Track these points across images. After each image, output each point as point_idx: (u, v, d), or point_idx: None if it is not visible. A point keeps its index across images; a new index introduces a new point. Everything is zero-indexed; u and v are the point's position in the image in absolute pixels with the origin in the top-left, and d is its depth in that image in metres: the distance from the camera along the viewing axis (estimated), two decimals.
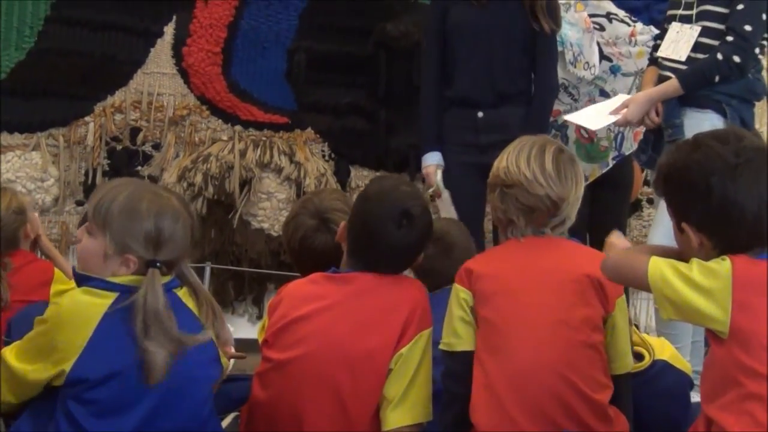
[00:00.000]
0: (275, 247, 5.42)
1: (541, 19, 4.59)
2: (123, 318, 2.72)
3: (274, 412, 3.06)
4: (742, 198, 2.40)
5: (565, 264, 2.95)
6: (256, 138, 5.54)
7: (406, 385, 2.95)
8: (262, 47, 5.64)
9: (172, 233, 2.84)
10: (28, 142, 5.36)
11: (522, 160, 2.91)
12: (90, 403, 2.75)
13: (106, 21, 5.40)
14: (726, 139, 2.47)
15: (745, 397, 2.32)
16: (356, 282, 3.10)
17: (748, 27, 4.11)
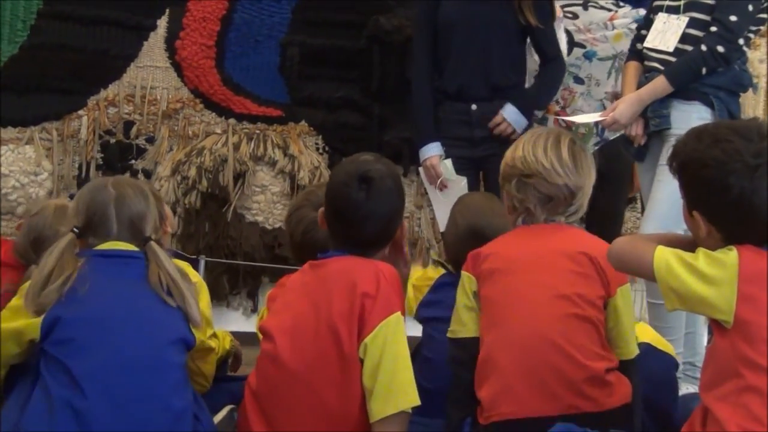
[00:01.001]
0: (269, 241, 5.44)
1: (528, 14, 4.61)
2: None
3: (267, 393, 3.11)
4: (758, 199, 2.41)
5: (565, 244, 2.99)
6: (250, 131, 5.57)
7: (380, 374, 2.93)
8: (255, 41, 5.66)
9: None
10: (21, 136, 5.42)
11: (539, 150, 2.95)
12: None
13: (99, 15, 5.42)
14: (749, 136, 2.47)
15: (743, 389, 2.34)
16: (327, 266, 3.12)
17: (733, 17, 4.12)
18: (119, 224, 3.15)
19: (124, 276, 3.09)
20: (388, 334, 2.96)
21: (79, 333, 2.95)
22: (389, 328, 2.95)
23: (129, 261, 3.13)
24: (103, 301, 3.02)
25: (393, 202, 3.19)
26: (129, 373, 2.93)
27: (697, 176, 2.53)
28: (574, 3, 5.04)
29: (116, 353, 2.94)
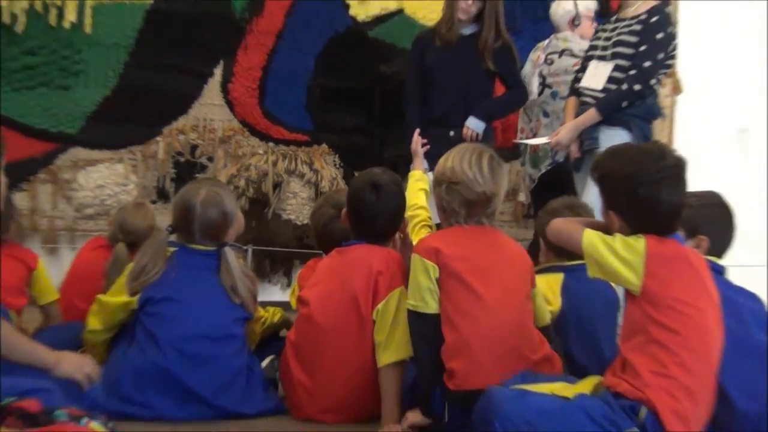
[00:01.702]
0: (299, 233, 5.51)
1: (488, 62, 4.65)
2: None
3: (303, 347, 3.17)
4: (659, 205, 2.50)
5: (515, 253, 3.04)
6: (284, 152, 5.61)
7: (388, 333, 3.04)
8: (287, 84, 5.66)
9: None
10: (114, 156, 5.47)
11: (465, 163, 2.91)
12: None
13: (171, 64, 5.51)
14: (653, 156, 2.55)
15: (650, 341, 2.42)
16: (349, 253, 3.24)
17: (647, 63, 4.20)
18: (201, 227, 3.22)
19: (201, 268, 3.22)
20: (394, 302, 3.08)
21: (164, 310, 3.10)
22: (395, 299, 3.09)
23: (206, 257, 3.24)
24: (184, 287, 3.15)
25: (397, 202, 3.32)
26: (201, 341, 3.07)
27: (613, 187, 2.63)
28: (554, 51, 5.05)
29: (192, 327, 3.07)
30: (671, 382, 2.38)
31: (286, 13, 5.59)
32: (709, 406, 2.49)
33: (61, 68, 5.37)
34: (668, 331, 2.40)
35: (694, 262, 2.53)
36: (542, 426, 2.35)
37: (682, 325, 2.41)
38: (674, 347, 2.40)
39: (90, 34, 5.37)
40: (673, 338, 2.40)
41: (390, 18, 5.71)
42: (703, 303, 2.48)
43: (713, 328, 2.49)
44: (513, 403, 2.40)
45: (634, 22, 4.30)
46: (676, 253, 2.51)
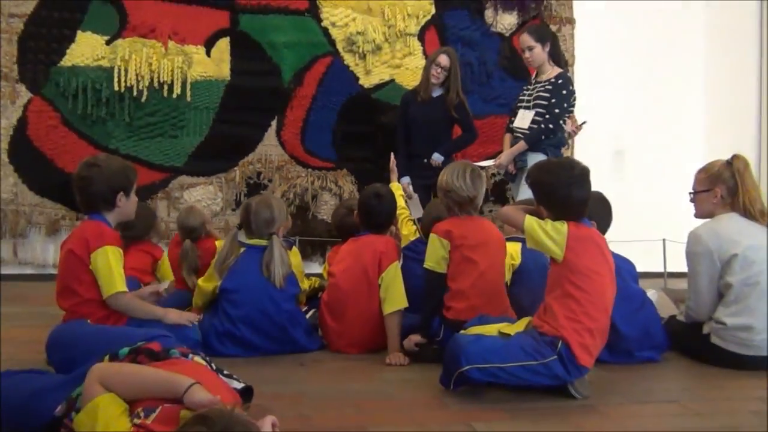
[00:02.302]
0: (329, 228, 5.46)
1: (452, 112, 4.64)
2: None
3: (332, 304, 3.18)
4: (572, 199, 2.47)
5: (495, 233, 3.02)
6: (318, 175, 5.58)
7: (389, 291, 3.06)
8: (319, 130, 5.54)
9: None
10: (207, 180, 5.43)
11: (454, 177, 2.92)
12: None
13: (243, 120, 5.44)
14: (565, 166, 2.55)
15: (565, 295, 2.41)
16: (361, 240, 3.24)
17: (557, 110, 4.25)
18: (256, 224, 3.11)
19: (258, 260, 3.06)
20: (392, 271, 3.11)
21: (235, 296, 3.01)
22: (392, 269, 3.12)
23: (260, 251, 3.09)
24: (248, 274, 3.04)
25: (391, 206, 3.35)
26: (266, 316, 2.99)
27: (542, 190, 2.57)
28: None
29: (256, 305, 2.99)
30: (579, 325, 2.38)
31: (318, 84, 5.59)
32: (605, 338, 2.49)
33: (171, 124, 5.36)
34: (578, 289, 2.39)
35: (598, 241, 2.51)
36: (492, 358, 2.35)
37: (588, 285, 2.40)
38: (582, 300, 2.39)
39: (190, 101, 5.37)
40: (582, 294, 2.39)
41: (386, 85, 5.66)
42: (603, 270, 2.45)
43: (608, 287, 2.48)
44: (472, 344, 2.40)
45: (547, 83, 4.32)
46: (587, 235, 2.47)
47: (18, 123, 5.18)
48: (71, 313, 2.61)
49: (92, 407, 1.59)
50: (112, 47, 5.25)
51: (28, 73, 5.20)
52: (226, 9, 5.46)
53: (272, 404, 2.19)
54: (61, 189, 5.09)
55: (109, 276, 2.56)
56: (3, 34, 5.16)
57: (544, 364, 2.36)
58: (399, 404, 2.37)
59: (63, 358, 2.35)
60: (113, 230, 2.66)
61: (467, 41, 5.77)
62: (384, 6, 5.66)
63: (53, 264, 5.13)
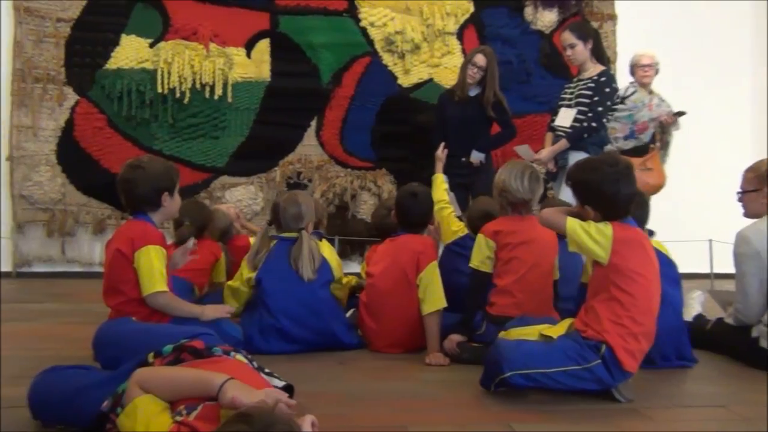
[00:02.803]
0: (368, 227, 5.50)
1: (489, 111, 4.60)
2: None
3: (371, 304, 3.17)
4: (618, 194, 2.38)
5: (545, 232, 2.87)
6: (358, 174, 5.63)
7: (427, 292, 3.02)
8: (358, 130, 5.63)
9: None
10: (248, 180, 5.54)
11: (512, 178, 2.90)
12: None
13: (283, 121, 5.55)
14: (608, 162, 2.44)
15: (610, 298, 2.34)
16: (398, 240, 3.21)
17: (600, 108, 4.19)
18: (285, 220, 3.15)
19: (289, 251, 3.09)
20: (430, 271, 3.06)
21: (269, 286, 3.04)
22: (431, 269, 3.07)
23: (291, 243, 3.11)
24: (281, 266, 3.06)
25: (428, 205, 3.30)
26: (303, 305, 3.02)
27: (585, 188, 2.47)
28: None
29: (293, 295, 3.01)
30: (623, 330, 2.32)
31: (356, 84, 5.62)
32: (650, 342, 2.41)
33: (213, 125, 5.47)
34: (624, 292, 2.32)
35: (644, 242, 2.42)
36: (534, 363, 2.31)
37: (634, 288, 2.33)
38: (627, 304, 2.32)
39: (231, 102, 5.45)
40: (627, 298, 2.32)
41: (424, 84, 5.70)
42: (648, 272, 2.38)
43: (654, 290, 2.41)
44: (514, 350, 2.36)
45: (589, 81, 4.27)
46: (632, 236, 2.38)
47: (65, 125, 5.32)
48: (117, 311, 2.65)
49: (131, 408, 1.63)
50: (156, 50, 5.35)
51: (75, 76, 5.34)
52: (266, 11, 5.53)
53: (312, 403, 2.19)
54: (106, 189, 5.20)
55: (150, 275, 2.58)
56: (51, 38, 5.31)
57: (588, 368, 2.31)
58: (438, 404, 2.35)
59: (109, 354, 2.38)
60: (157, 230, 2.70)
61: (506, 39, 5.73)
62: (422, 5, 5.67)
63: (99, 262, 5.25)
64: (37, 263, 5.33)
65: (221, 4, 5.48)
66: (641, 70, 4.98)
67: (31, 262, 5.32)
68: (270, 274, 3.05)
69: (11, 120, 5.24)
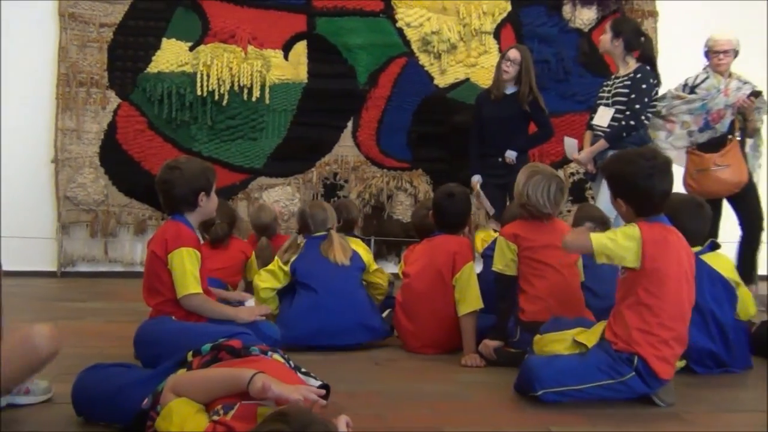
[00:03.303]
0: (404, 228, 5.49)
1: (525, 106, 4.50)
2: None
3: (407, 304, 3.17)
4: (652, 190, 2.32)
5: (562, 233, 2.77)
6: (394, 175, 5.62)
7: (463, 292, 3.03)
8: (394, 130, 5.59)
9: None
10: (285, 181, 5.57)
11: (538, 192, 2.80)
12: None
13: (319, 121, 5.56)
14: (645, 156, 2.38)
15: (638, 303, 2.29)
16: (434, 240, 3.22)
17: (637, 106, 4.07)
18: (314, 224, 3.30)
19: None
20: (466, 272, 3.08)
21: (308, 270, 3.15)
22: (466, 270, 3.09)
23: (322, 239, 3.28)
24: (315, 259, 3.19)
25: (465, 205, 3.30)
26: (339, 291, 3.10)
27: (619, 181, 2.43)
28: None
29: (331, 283, 3.10)
30: (653, 338, 2.27)
31: (392, 85, 5.62)
32: (684, 345, 2.37)
33: (251, 127, 5.51)
34: (652, 296, 2.27)
35: (674, 240, 2.34)
36: (567, 380, 2.28)
37: (663, 292, 2.28)
38: (656, 309, 2.27)
39: (268, 104, 5.49)
40: (656, 302, 2.27)
41: (460, 84, 5.66)
42: (679, 274, 2.31)
43: (685, 292, 2.33)
44: (545, 368, 2.32)
45: (626, 78, 4.18)
46: (661, 236, 2.31)
47: (108, 127, 5.43)
48: (157, 311, 2.70)
49: (167, 411, 1.65)
50: (195, 53, 5.43)
51: (117, 80, 5.45)
52: (302, 13, 5.57)
53: (347, 403, 2.20)
54: (147, 190, 5.28)
55: (183, 277, 2.60)
56: (94, 43, 5.43)
57: (622, 382, 2.28)
58: (474, 406, 2.34)
59: (149, 353, 2.43)
60: (191, 231, 2.71)
61: (544, 38, 5.67)
62: (459, 5, 5.64)
63: (140, 262, 5.35)
64: (80, 263, 5.45)
65: (259, 7, 5.54)
66: (716, 58, 4.44)
67: (75, 261, 5.45)
68: (307, 264, 3.17)
69: (56, 123, 5.38)
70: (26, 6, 5.37)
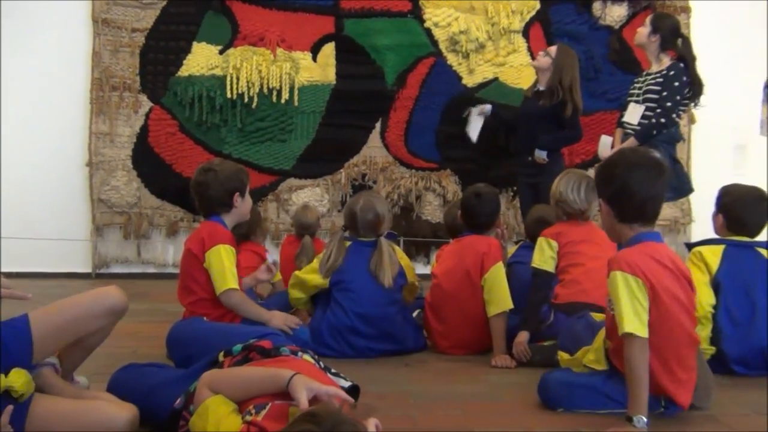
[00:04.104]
0: (434, 228, 5.49)
1: (554, 98, 4.41)
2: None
3: (436, 305, 3.17)
4: (632, 188, 2.09)
5: (600, 233, 2.76)
6: (422, 175, 5.61)
7: (493, 293, 3.02)
8: (423, 131, 5.57)
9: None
10: (314, 183, 5.59)
11: (569, 189, 2.93)
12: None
13: (348, 123, 5.56)
14: (637, 151, 2.32)
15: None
16: (463, 240, 3.22)
17: (669, 104, 4.01)
18: (362, 227, 3.08)
19: (367, 255, 3.05)
20: (495, 272, 3.06)
21: (348, 287, 3.00)
22: (496, 270, 3.06)
23: (370, 246, 3.07)
24: (358, 269, 3.02)
25: (493, 205, 3.28)
26: (379, 309, 2.97)
27: (599, 174, 2.26)
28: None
29: (370, 299, 2.97)
30: (672, 377, 2.10)
31: (420, 85, 5.62)
32: (695, 368, 2.15)
33: (280, 128, 5.55)
34: (661, 337, 2.04)
35: (668, 264, 2.10)
36: (583, 405, 2.20)
37: (671, 335, 2.06)
38: (667, 350, 2.07)
39: (297, 105, 5.52)
40: (665, 343, 2.05)
41: (489, 84, 5.64)
42: (682, 301, 2.08)
43: (686, 322, 2.09)
44: (560, 389, 2.24)
45: (658, 75, 4.12)
46: (656, 270, 2.06)
47: (140, 131, 5.52)
48: (190, 311, 2.74)
49: (203, 409, 1.65)
50: (225, 56, 5.49)
51: (149, 84, 5.52)
52: (330, 14, 5.59)
53: (377, 404, 2.21)
54: (179, 192, 5.37)
55: (222, 273, 2.64)
56: (126, 48, 5.52)
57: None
58: (505, 407, 2.33)
59: (182, 353, 2.48)
60: (227, 230, 2.78)
61: (574, 35, 5.62)
62: (487, 4, 5.61)
63: (173, 263, 5.42)
64: (114, 264, 5.53)
65: (287, 10, 5.58)
66: None
67: (109, 263, 5.53)
68: (349, 276, 3.00)
69: (90, 127, 5.47)
70: (60, 12, 5.47)
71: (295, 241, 4.07)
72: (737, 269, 2.78)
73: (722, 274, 2.77)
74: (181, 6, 5.53)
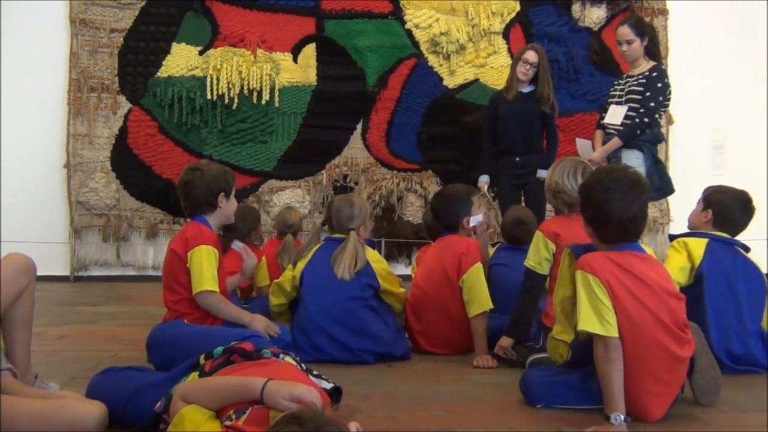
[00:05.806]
0: (415, 229, 5.52)
1: (543, 107, 4.51)
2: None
3: (415, 304, 3.14)
4: (609, 208, 2.06)
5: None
6: (404, 176, 5.63)
7: (471, 293, 3.00)
8: (404, 132, 5.64)
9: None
10: (295, 184, 5.61)
11: (565, 177, 2.73)
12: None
13: (329, 124, 5.61)
14: (612, 170, 2.22)
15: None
16: (444, 241, 3.19)
17: (652, 104, 4.04)
18: (337, 220, 3.04)
19: (333, 250, 2.97)
20: (474, 273, 3.03)
21: (308, 280, 2.94)
22: (474, 271, 3.04)
23: (339, 242, 3.00)
24: (322, 265, 2.94)
25: (454, 203, 3.21)
26: (339, 304, 2.88)
27: (581, 194, 2.24)
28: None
29: (330, 294, 2.89)
30: (657, 387, 2.07)
31: (402, 86, 5.64)
32: (678, 382, 2.14)
33: (261, 130, 5.56)
34: (633, 354, 2.00)
35: (632, 271, 2.06)
36: (562, 401, 2.21)
37: (643, 350, 2.03)
38: (631, 367, 2.00)
39: (278, 106, 5.53)
40: (634, 358, 2.00)
41: (470, 85, 5.68)
42: (650, 309, 2.02)
43: (660, 336, 2.03)
44: (540, 387, 2.25)
45: (640, 77, 4.14)
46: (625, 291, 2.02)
47: (119, 132, 5.48)
48: (173, 310, 2.71)
49: (179, 419, 1.63)
50: (205, 57, 5.46)
51: (128, 85, 5.49)
52: (311, 15, 5.59)
53: (361, 405, 2.19)
54: (159, 194, 5.33)
55: (200, 273, 2.61)
56: (105, 48, 5.48)
57: None
58: (487, 407, 2.33)
59: (162, 356, 2.43)
60: (212, 232, 2.76)
61: (554, 37, 5.67)
62: (467, 5, 5.64)
63: (152, 266, 5.38)
64: (93, 267, 5.49)
65: (268, 11, 5.57)
66: None
67: (88, 266, 5.48)
68: (312, 272, 2.94)
69: (68, 128, 5.42)
70: (37, 12, 5.42)
71: (276, 243, 4.08)
72: (719, 263, 2.81)
73: (705, 266, 2.80)
74: (160, 6, 5.51)
